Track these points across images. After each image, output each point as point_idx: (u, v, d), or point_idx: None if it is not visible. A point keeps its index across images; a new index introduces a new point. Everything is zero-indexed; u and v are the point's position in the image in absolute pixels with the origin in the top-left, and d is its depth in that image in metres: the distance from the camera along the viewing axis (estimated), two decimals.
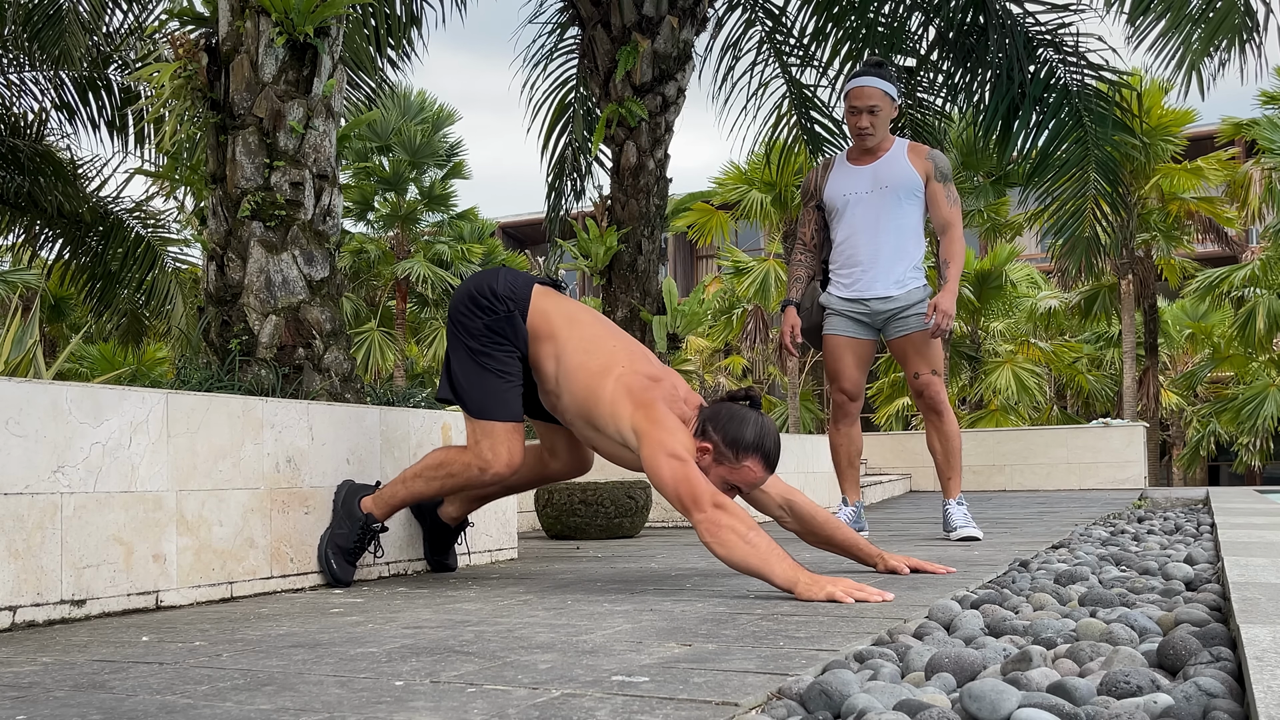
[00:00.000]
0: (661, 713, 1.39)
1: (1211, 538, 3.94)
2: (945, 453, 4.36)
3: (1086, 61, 7.17)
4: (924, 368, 4.31)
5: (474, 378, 2.97)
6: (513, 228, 33.42)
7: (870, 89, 4.29)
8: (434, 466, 3.08)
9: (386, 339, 20.83)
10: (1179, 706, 1.31)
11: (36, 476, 2.37)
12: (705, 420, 2.82)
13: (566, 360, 2.92)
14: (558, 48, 8.20)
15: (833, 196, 4.41)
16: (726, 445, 2.76)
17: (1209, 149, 20.18)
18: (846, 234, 4.38)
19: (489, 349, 2.97)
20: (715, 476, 2.76)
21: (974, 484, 10.65)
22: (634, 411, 2.77)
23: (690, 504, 2.62)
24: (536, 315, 2.98)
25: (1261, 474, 26.09)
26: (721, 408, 2.84)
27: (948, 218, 4.31)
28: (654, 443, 2.70)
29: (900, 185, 4.30)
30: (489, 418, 2.97)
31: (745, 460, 2.77)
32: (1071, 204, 7.41)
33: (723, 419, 2.79)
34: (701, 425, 2.82)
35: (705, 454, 2.76)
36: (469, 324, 2.99)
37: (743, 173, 20.05)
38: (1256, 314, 20.70)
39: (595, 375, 2.87)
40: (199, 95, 3.93)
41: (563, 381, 2.93)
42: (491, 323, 2.96)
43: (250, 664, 1.82)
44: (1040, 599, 2.33)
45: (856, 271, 4.36)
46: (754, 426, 2.77)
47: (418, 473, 3.10)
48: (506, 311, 2.96)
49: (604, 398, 2.83)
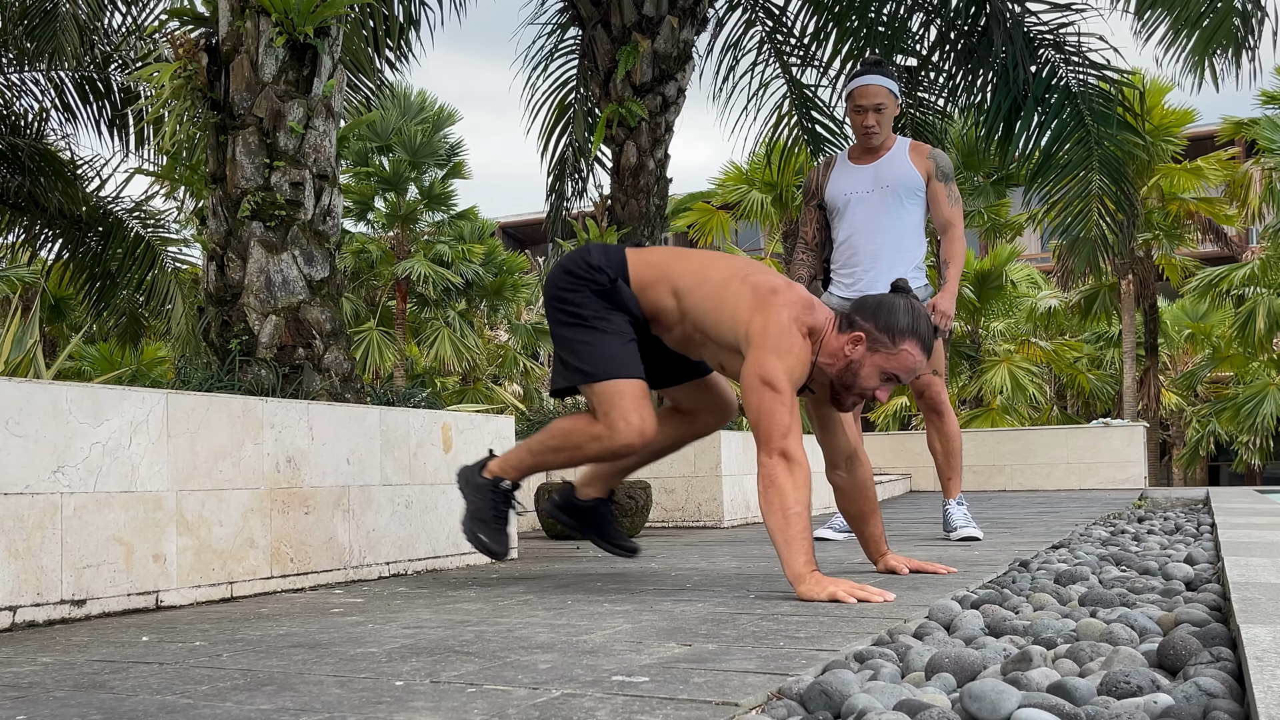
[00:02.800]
0: (661, 713, 1.39)
1: (1211, 538, 3.94)
2: (946, 453, 4.36)
3: (1089, 61, 7.17)
4: (924, 368, 4.30)
5: (588, 344, 2.83)
6: (513, 228, 33.42)
7: (875, 87, 4.28)
8: (560, 434, 2.89)
9: (386, 339, 20.82)
10: (1179, 706, 1.31)
11: (36, 476, 2.37)
12: (852, 313, 2.75)
13: (685, 284, 2.82)
14: (558, 48, 8.20)
15: (833, 196, 4.41)
16: (881, 331, 2.68)
17: (1209, 149, 20.18)
18: (847, 233, 4.38)
19: (600, 314, 2.85)
20: (871, 366, 2.69)
21: (974, 484, 10.64)
22: (753, 315, 2.68)
23: (762, 440, 2.59)
24: (639, 269, 2.87)
25: (1261, 473, 26.10)
26: (868, 298, 2.78)
27: (948, 217, 4.31)
28: (755, 361, 2.63)
29: (901, 185, 4.29)
30: (613, 375, 2.78)
31: (902, 344, 2.67)
32: (1076, 204, 7.40)
33: (871, 307, 2.72)
34: (848, 318, 2.74)
35: (859, 344, 2.68)
36: (573, 296, 2.87)
37: (743, 173, 20.04)
38: (1256, 314, 20.70)
39: (719, 284, 2.78)
40: (199, 95, 3.93)
41: (686, 305, 2.82)
42: (597, 291, 2.85)
43: (250, 664, 1.82)
44: (1040, 599, 2.33)
45: (857, 271, 4.35)
46: (905, 311, 2.69)
47: (543, 442, 2.92)
48: (610, 280, 2.85)
49: (727, 300, 2.74)
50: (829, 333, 2.73)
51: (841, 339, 2.71)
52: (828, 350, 2.73)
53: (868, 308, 2.73)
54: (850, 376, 2.72)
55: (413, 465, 3.52)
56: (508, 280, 23.57)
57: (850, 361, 2.70)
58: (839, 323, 2.74)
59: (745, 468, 5.91)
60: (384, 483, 3.39)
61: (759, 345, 2.64)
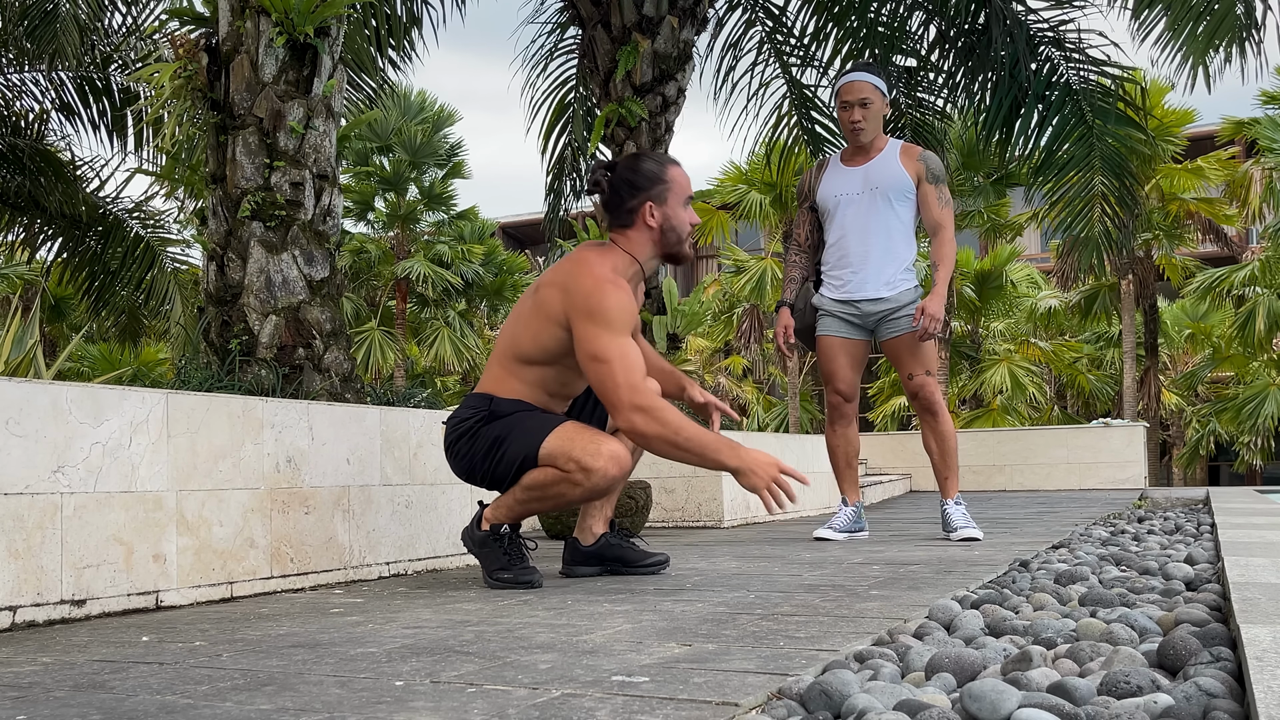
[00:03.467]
0: (661, 713, 1.39)
1: (1211, 538, 3.94)
2: (941, 453, 4.35)
3: (1089, 58, 7.16)
4: (918, 369, 4.30)
5: (506, 439, 2.87)
6: (513, 228, 33.42)
7: (861, 83, 4.31)
8: (539, 486, 2.87)
9: (387, 339, 20.83)
10: (1179, 706, 1.31)
11: (36, 476, 2.37)
12: (617, 206, 2.97)
13: (510, 348, 2.98)
14: (558, 48, 8.19)
15: (825, 197, 4.42)
16: (651, 185, 2.95)
17: (1209, 149, 20.18)
18: (838, 235, 4.38)
19: (498, 426, 2.90)
20: (673, 210, 2.95)
21: (974, 484, 10.64)
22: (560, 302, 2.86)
23: (613, 408, 2.79)
24: (493, 383, 2.98)
25: (1262, 473, 26.10)
26: (611, 186, 2.98)
27: (939, 219, 4.29)
28: (582, 340, 2.82)
29: (891, 187, 4.29)
30: (545, 434, 2.83)
31: (668, 174, 2.97)
32: (1078, 202, 7.40)
33: (624, 185, 2.98)
34: (619, 215, 2.97)
35: (651, 213, 2.94)
36: (470, 435, 2.92)
37: (743, 173, 20.06)
38: (1256, 314, 20.71)
39: (518, 318, 2.97)
40: (199, 95, 3.93)
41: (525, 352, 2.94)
42: (483, 420, 2.92)
43: (250, 664, 1.82)
44: (1040, 599, 2.33)
45: (847, 273, 4.36)
46: (640, 159, 2.98)
47: (527, 493, 2.90)
48: (487, 405, 2.92)
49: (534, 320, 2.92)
50: (624, 244, 2.96)
51: (639, 230, 2.96)
52: (640, 247, 2.98)
53: (620, 190, 2.96)
54: (670, 234, 2.98)
55: (413, 465, 3.52)
56: (508, 280, 23.59)
57: (660, 228, 2.96)
58: (618, 227, 2.98)
59: None
60: (384, 483, 3.39)
61: (581, 322, 2.80)
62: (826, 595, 2.57)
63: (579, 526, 3.23)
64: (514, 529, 3.00)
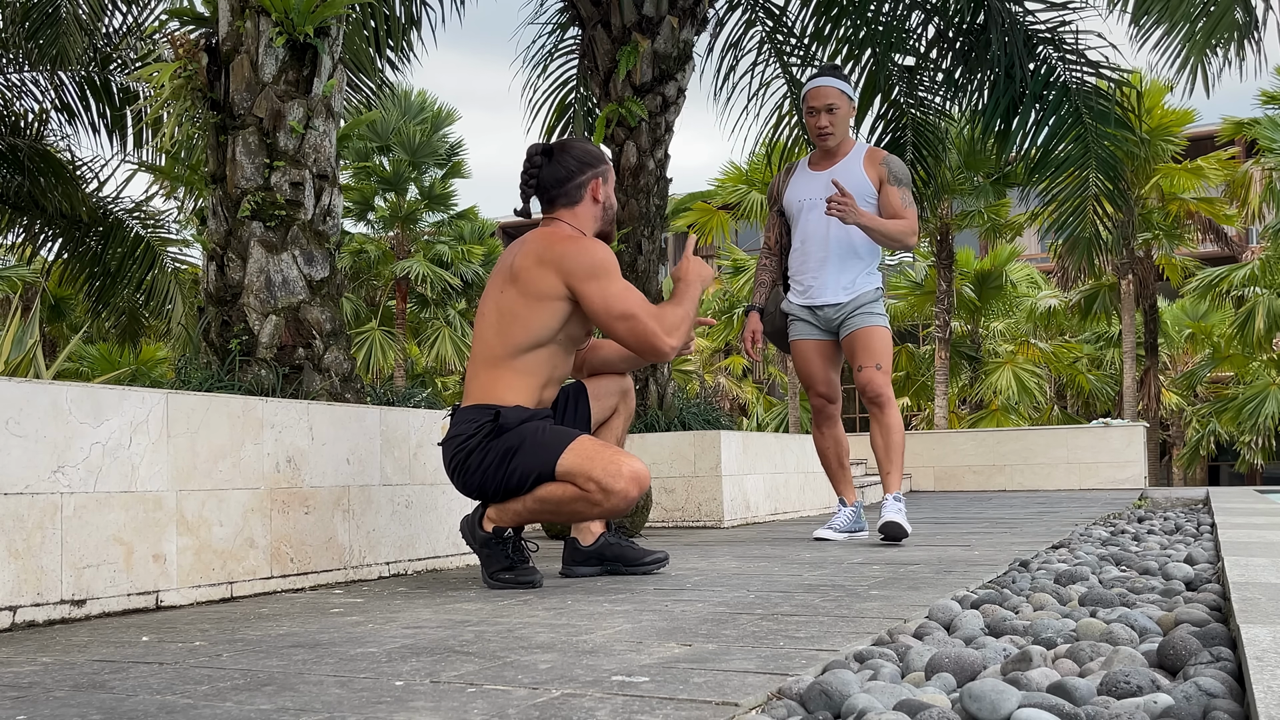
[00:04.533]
0: (661, 713, 1.39)
1: (1211, 538, 3.94)
2: (886, 447, 4.24)
3: (1086, 59, 7.17)
4: (868, 361, 4.22)
5: (521, 450, 2.84)
6: (513, 228, 33.40)
7: (827, 88, 4.29)
8: (554, 502, 2.85)
9: (387, 339, 20.83)
10: (1179, 706, 1.31)
11: (36, 476, 2.37)
12: (564, 185, 3.06)
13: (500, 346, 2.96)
14: (558, 48, 8.19)
15: (790, 202, 4.41)
16: (594, 164, 3.09)
17: (1209, 149, 20.19)
18: (801, 240, 4.38)
19: (508, 436, 2.87)
20: (609, 189, 3.10)
21: (974, 484, 10.65)
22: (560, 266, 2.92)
23: (649, 351, 2.98)
24: (479, 389, 2.95)
25: (1262, 473, 26.10)
26: (555, 179, 3.07)
27: (898, 211, 4.22)
28: (598, 298, 2.91)
29: (853, 192, 4.24)
30: (562, 447, 2.82)
31: (605, 154, 3.16)
32: (1072, 202, 7.41)
33: (570, 171, 3.06)
34: (565, 197, 3.06)
35: (596, 190, 3.08)
36: (479, 457, 2.88)
37: (743, 173, 20.07)
38: (1256, 314, 20.71)
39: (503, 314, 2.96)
40: (199, 95, 3.93)
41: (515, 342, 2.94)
42: (491, 433, 2.87)
43: (250, 664, 1.82)
44: (1040, 599, 2.33)
45: (807, 278, 4.35)
46: (572, 146, 3.12)
47: (541, 506, 2.88)
48: (493, 416, 2.88)
49: (520, 311, 2.95)
50: (572, 221, 3.06)
51: (586, 206, 3.08)
52: (586, 223, 3.09)
53: (572, 168, 3.07)
54: (609, 210, 3.14)
55: (413, 465, 3.52)
56: None
57: (604, 204, 3.11)
58: (565, 205, 3.07)
59: (745, 468, 5.91)
60: (384, 483, 3.39)
61: (586, 284, 2.88)
62: (826, 595, 2.57)
63: (578, 526, 3.24)
64: (517, 531, 3.00)
